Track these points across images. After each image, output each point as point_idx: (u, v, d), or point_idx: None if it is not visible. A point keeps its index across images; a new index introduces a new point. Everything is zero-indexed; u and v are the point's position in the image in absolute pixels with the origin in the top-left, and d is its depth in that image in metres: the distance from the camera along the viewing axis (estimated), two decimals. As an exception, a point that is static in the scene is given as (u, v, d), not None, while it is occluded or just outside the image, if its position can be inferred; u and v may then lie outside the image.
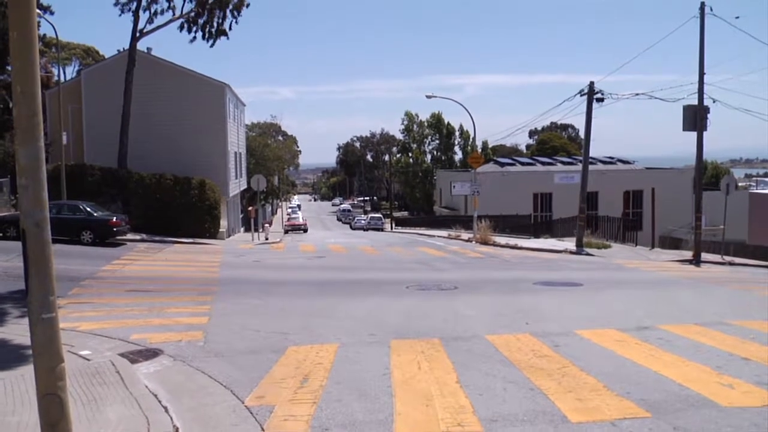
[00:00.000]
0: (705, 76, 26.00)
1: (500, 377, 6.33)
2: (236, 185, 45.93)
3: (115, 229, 23.88)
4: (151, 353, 7.35)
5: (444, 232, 42.32)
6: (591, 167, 35.55)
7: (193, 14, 35.70)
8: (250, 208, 40.39)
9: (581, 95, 29.05)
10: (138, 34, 34.41)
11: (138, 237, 27.07)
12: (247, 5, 36.62)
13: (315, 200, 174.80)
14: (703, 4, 25.81)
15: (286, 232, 56.73)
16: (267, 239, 36.62)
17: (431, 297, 12.41)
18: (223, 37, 36.57)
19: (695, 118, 26.07)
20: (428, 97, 40.61)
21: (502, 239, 31.62)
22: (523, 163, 68.94)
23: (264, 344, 7.91)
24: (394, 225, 67.78)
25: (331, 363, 6.90)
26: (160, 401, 5.68)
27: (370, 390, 5.93)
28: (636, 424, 5.07)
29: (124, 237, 25.20)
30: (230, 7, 36.31)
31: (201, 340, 8.05)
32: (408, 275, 16.45)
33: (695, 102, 26.22)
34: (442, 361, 6.99)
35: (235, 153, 45.11)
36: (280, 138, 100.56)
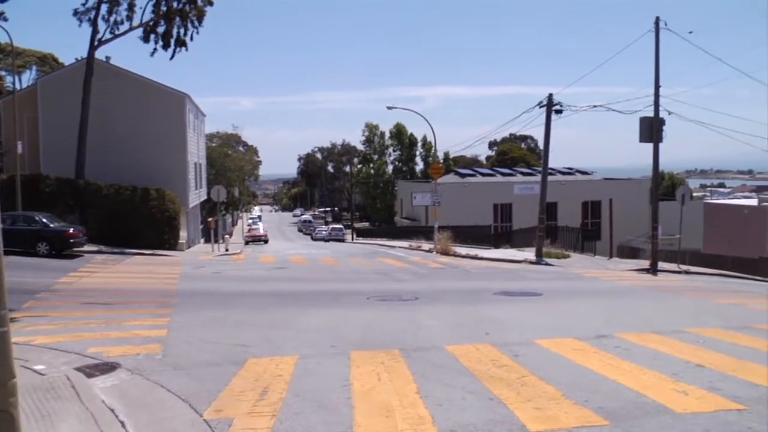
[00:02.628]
0: (660, 89, 26.44)
1: (460, 387, 6.35)
2: (196, 196, 45.56)
3: (71, 241, 23.52)
4: (108, 367, 7.24)
5: (405, 243, 42.39)
6: (550, 178, 35.89)
7: (152, 23, 35.43)
8: (210, 219, 40.06)
9: (540, 107, 29.35)
10: (97, 43, 34.07)
11: (96, 248, 26.69)
12: (205, 16, 36.46)
13: (276, 211, 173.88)
14: (658, 19, 26.27)
15: (247, 243, 56.32)
16: (227, 250, 36.34)
17: (392, 308, 12.41)
18: (183, 48, 36.36)
19: (651, 129, 26.51)
20: (389, 108, 40.74)
21: (462, 250, 31.76)
22: (483, 174, 69.46)
23: (223, 356, 7.84)
24: (355, 236, 67.72)
25: (290, 375, 6.86)
26: (117, 416, 5.59)
27: (330, 402, 5.90)
28: (593, 432, 5.13)
29: (81, 249, 24.81)
30: (191, 17, 36.11)
31: (160, 353, 7.95)
32: (369, 286, 16.44)
33: (651, 114, 26.64)
34: (402, 372, 6.99)
35: (195, 163, 44.76)
36: (241, 148, 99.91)
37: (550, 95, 28.94)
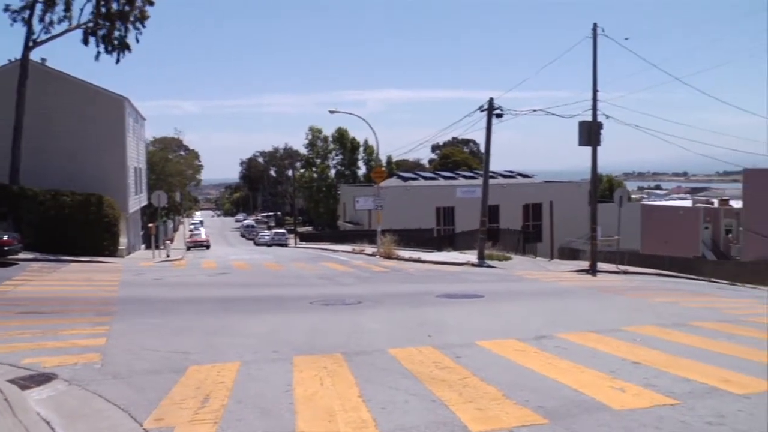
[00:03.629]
0: (598, 93, 27.03)
1: (402, 390, 6.38)
2: (136, 201, 44.86)
3: (5, 249, 22.89)
4: (44, 378, 7.07)
5: (348, 247, 42.37)
6: (492, 181, 36.33)
7: (91, 24, 34.73)
8: (150, 225, 39.47)
9: (481, 111, 29.68)
10: (31, 44, 33.22)
11: (31, 256, 26.03)
12: (148, 17, 35.90)
13: (218, 216, 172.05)
14: (595, 25, 26.83)
15: (189, 248, 55.71)
16: (168, 256, 35.85)
17: (335, 312, 12.42)
18: (126, 51, 35.74)
19: (590, 133, 27.02)
20: (331, 112, 40.71)
21: (405, 253, 31.90)
22: (425, 178, 69.88)
23: (164, 364, 7.74)
24: (298, 240, 67.43)
25: (232, 381, 6.81)
26: (53, 428, 5.47)
27: (272, 408, 5.88)
28: (533, 430, 5.21)
29: (16, 257, 24.14)
30: (132, 18, 35.49)
31: (98, 362, 7.80)
32: (312, 291, 16.41)
33: (590, 118, 27.15)
34: (344, 376, 7.00)
35: (135, 168, 44.08)
36: (182, 153, 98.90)
37: (491, 99, 29.29)
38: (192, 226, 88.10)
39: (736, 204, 60.39)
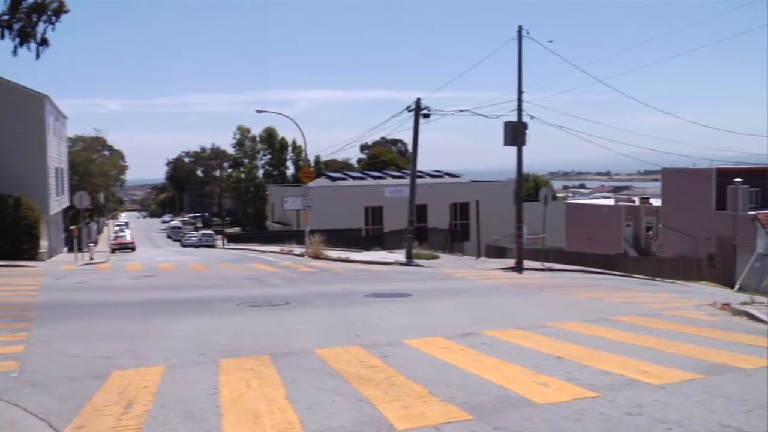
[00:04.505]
0: (523, 94, 27.49)
1: (329, 390, 6.38)
2: (58, 203, 43.69)
3: None
4: (-42, 387, 6.84)
5: (276, 248, 42.12)
6: (419, 181, 36.55)
7: (7, 17, 33.58)
8: (73, 227, 38.49)
9: (408, 111, 29.85)
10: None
11: (-55, 261, 25.14)
12: (67, 11, 34.83)
13: (144, 217, 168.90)
14: (520, 28, 27.30)
15: (113, 251, 54.54)
16: (92, 259, 35.04)
17: (262, 313, 12.33)
18: (45, 46, 34.63)
19: (515, 133, 27.45)
20: (259, 111, 40.43)
21: (334, 253, 31.88)
22: (354, 178, 69.95)
23: (86, 370, 7.55)
24: (226, 241, 66.73)
25: (157, 386, 6.70)
26: (-34, 439, 5.30)
27: (198, 411, 5.81)
28: (459, 427, 5.27)
29: (-71, 262, 23.30)
30: (49, 12, 34.42)
31: (16, 371, 7.57)
32: (239, 292, 16.25)
33: (515, 118, 27.59)
34: (271, 377, 6.96)
35: (57, 169, 42.93)
36: (106, 153, 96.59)
37: (418, 99, 29.50)
38: (117, 228, 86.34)
39: (656, 202, 62.36)
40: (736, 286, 31.37)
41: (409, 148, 31.26)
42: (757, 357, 7.91)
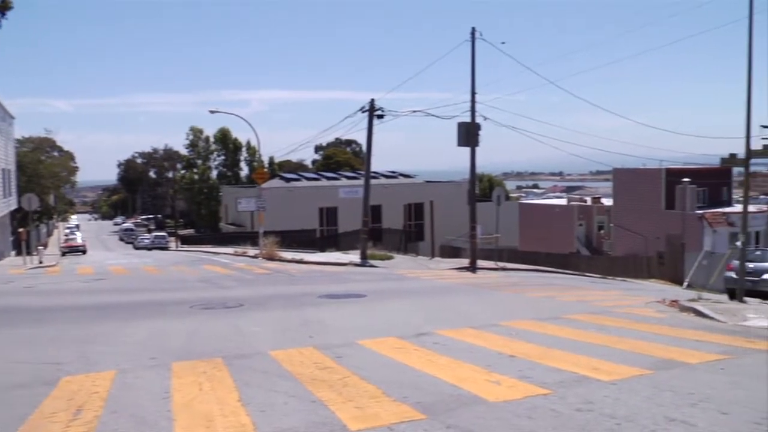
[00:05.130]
0: (477, 95, 27.68)
1: (282, 392, 6.35)
2: (5, 205, 42.80)
3: None
4: None
5: (231, 249, 41.83)
6: (374, 181, 36.62)
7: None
8: (21, 230, 37.76)
9: (363, 112, 29.84)
10: None
11: None
12: (11, 8, 34.13)
13: (95, 219, 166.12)
14: (474, 30, 27.48)
15: (63, 254, 53.58)
16: (41, 263, 34.41)
17: (216, 316, 12.22)
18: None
19: (468, 134, 27.62)
20: (212, 112, 40.05)
21: (288, 254, 31.76)
22: (308, 179, 69.74)
23: (34, 377, 7.40)
24: (179, 243, 66.05)
25: (107, 391, 6.59)
26: None
27: (149, 416, 5.74)
28: (412, 426, 5.28)
29: None
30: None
31: (-40, 378, 7.40)
32: (192, 294, 16.10)
33: (469, 119, 27.75)
34: (224, 380, 6.90)
35: (3, 170, 42.05)
36: (56, 154, 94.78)
37: (372, 100, 29.52)
38: (67, 231, 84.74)
39: (608, 202, 63.27)
40: (685, 284, 31.99)
41: (364, 148, 31.28)
42: (703, 352, 8.10)
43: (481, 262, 28.83)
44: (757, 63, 20.94)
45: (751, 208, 34.75)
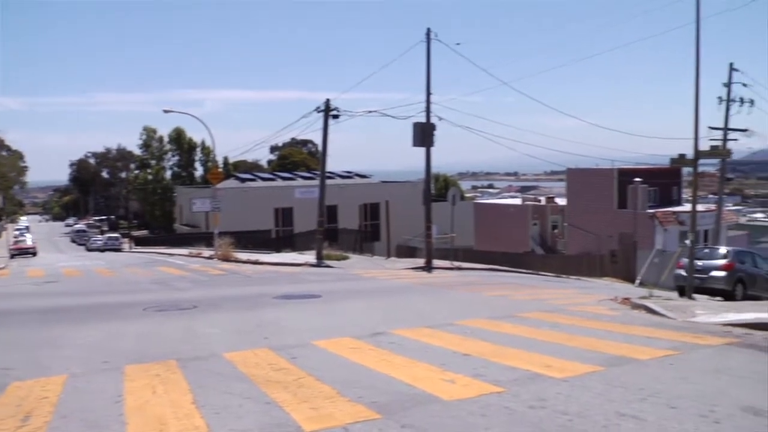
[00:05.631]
0: (432, 96, 27.83)
1: (237, 394, 6.32)
2: (-49, 208, 41.81)
3: None
4: None
5: (185, 251, 41.45)
6: (329, 182, 36.56)
7: None
8: (-33, 233, 36.98)
9: (318, 111, 29.80)
10: None
11: None
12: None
13: (46, 221, 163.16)
14: (429, 30, 27.64)
15: (12, 256, 52.55)
16: (-11, 266, 33.71)
17: (170, 318, 12.10)
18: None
19: (423, 134, 27.75)
20: (166, 111, 39.50)
21: (243, 255, 31.59)
22: (264, 179, 69.36)
23: (-19, 382, 7.26)
24: (133, 245, 65.23)
25: (58, 396, 6.48)
26: None
27: (101, 420, 5.66)
28: (367, 426, 5.29)
29: None
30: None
31: None
32: (146, 297, 15.92)
33: (424, 119, 27.89)
34: (178, 383, 6.84)
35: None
36: (4, 153, 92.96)
37: (327, 100, 29.48)
38: (16, 232, 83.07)
39: (562, 201, 64.06)
40: (637, 281, 32.54)
41: (320, 148, 31.21)
42: (653, 348, 8.25)
43: (436, 262, 28.97)
44: (705, 67, 21.44)
45: (700, 207, 35.51)
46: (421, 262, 29.40)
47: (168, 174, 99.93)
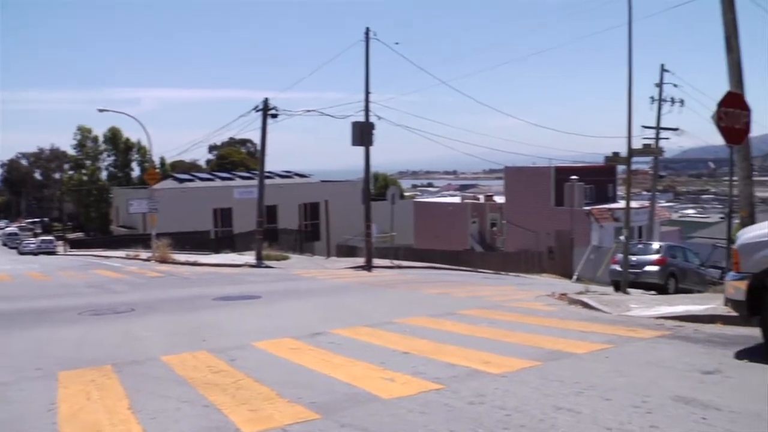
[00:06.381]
0: (371, 95, 27.89)
1: (174, 398, 6.23)
2: None
3: None
4: None
5: (122, 253, 40.72)
6: (269, 181, 36.36)
7: None
8: None
9: (256, 111, 29.63)
10: None
11: None
12: None
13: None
14: (368, 30, 27.68)
15: (-63, 262, 50.83)
16: None
17: (106, 322, 11.88)
18: None
19: (362, 133, 27.79)
20: (100, 110, 38.80)
21: (182, 257, 31.19)
22: (202, 179, 68.54)
23: None
24: (68, 247, 63.78)
25: (-13, 405, 6.31)
26: None
27: (32, 429, 5.51)
28: (306, 426, 5.28)
29: None
30: None
31: None
32: (81, 300, 15.57)
33: (363, 118, 27.93)
34: (114, 388, 6.71)
35: None
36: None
37: (266, 99, 29.33)
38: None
39: (500, 199, 64.83)
40: (574, 277, 33.12)
41: (259, 148, 31.00)
42: (589, 342, 8.42)
43: (376, 261, 29.05)
44: (638, 68, 21.97)
45: (634, 204, 36.33)
46: (361, 261, 29.43)
47: (104, 175, 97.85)
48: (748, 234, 7.95)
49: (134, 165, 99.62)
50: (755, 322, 7.78)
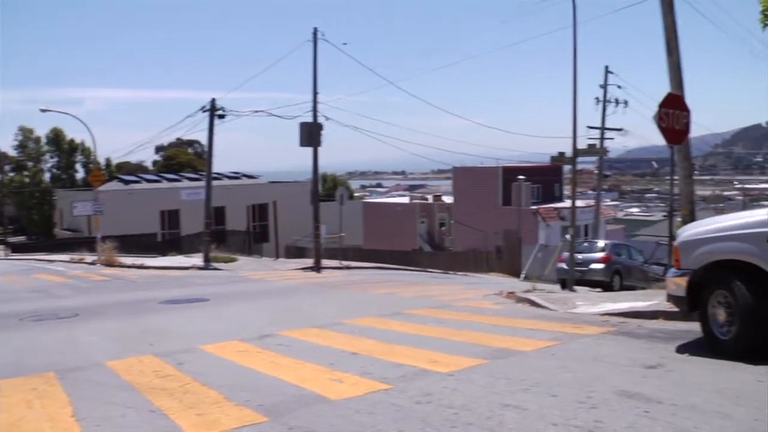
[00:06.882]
0: (319, 96, 27.90)
1: (120, 404, 6.14)
2: None
3: None
4: None
5: (66, 256, 39.89)
6: (216, 183, 36.08)
7: None
8: None
9: (203, 111, 29.38)
10: None
11: None
12: None
13: None
14: (316, 30, 27.65)
15: None
16: None
17: (48, 328, 11.63)
18: None
19: (310, 134, 27.73)
20: (43, 111, 37.89)
21: (128, 260, 30.73)
22: (148, 180, 67.56)
23: None
24: (9, 252, 62.31)
25: None
26: None
27: (-29, 439, 5.40)
28: (254, 429, 5.25)
29: None
30: None
31: None
32: (23, 306, 15.22)
33: (311, 119, 27.88)
34: (57, 395, 6.58)
35: None
36: None
37: (213, 100, 29.11)
38: None
39: (449, 199, 65.23)
40: (522, 276, 33.49)
41: (206, 149, 30.72)
42: (535, 340, 8.53)
43: (325, 262, 29.02)
44: (583, 69, 22.33)
45: (580, 203, 36.91)
46: (310, 262, 29.34)
47: (47, 176, 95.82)
48: (689, 231, 8.13)
49: (78, 166, 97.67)
50: (695, 317, 7.97)
